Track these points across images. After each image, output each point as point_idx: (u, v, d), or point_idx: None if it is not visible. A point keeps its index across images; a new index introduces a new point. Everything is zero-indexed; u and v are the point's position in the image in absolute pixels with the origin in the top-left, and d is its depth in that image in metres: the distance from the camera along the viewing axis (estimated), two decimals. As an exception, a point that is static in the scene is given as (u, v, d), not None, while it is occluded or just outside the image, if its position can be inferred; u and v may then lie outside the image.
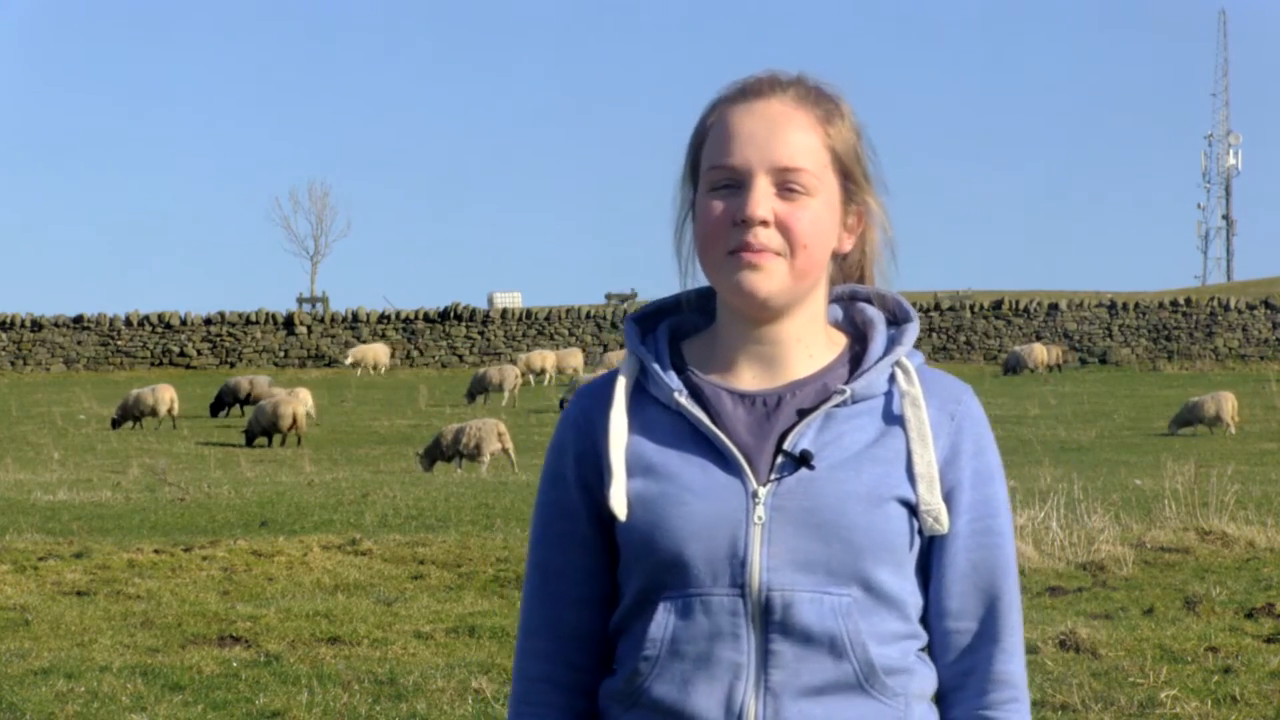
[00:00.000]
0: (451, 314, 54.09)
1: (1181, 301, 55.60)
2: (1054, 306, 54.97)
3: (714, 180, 2.33)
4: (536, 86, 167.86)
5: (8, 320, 52.07)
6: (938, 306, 55.15)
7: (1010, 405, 37.23)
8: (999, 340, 54.16)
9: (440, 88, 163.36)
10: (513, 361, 47.21)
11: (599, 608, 2.39)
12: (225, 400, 37.70)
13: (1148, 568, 12.18)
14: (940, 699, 2.37)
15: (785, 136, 2.32)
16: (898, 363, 2.37)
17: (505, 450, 25.47)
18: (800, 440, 2.30)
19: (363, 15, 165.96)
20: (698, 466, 2.30)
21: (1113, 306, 55.15)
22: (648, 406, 2.37)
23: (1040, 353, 48.96)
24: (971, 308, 55.15)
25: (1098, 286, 72.91)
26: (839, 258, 2.42)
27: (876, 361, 2.37)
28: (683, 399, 2.33)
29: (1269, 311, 54.82)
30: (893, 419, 2.34)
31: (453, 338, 53.92)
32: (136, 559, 12.55)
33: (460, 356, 53.50)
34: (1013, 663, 2.36)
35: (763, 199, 2.30)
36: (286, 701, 8.31)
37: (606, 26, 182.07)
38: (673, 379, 2.35)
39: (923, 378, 2.38)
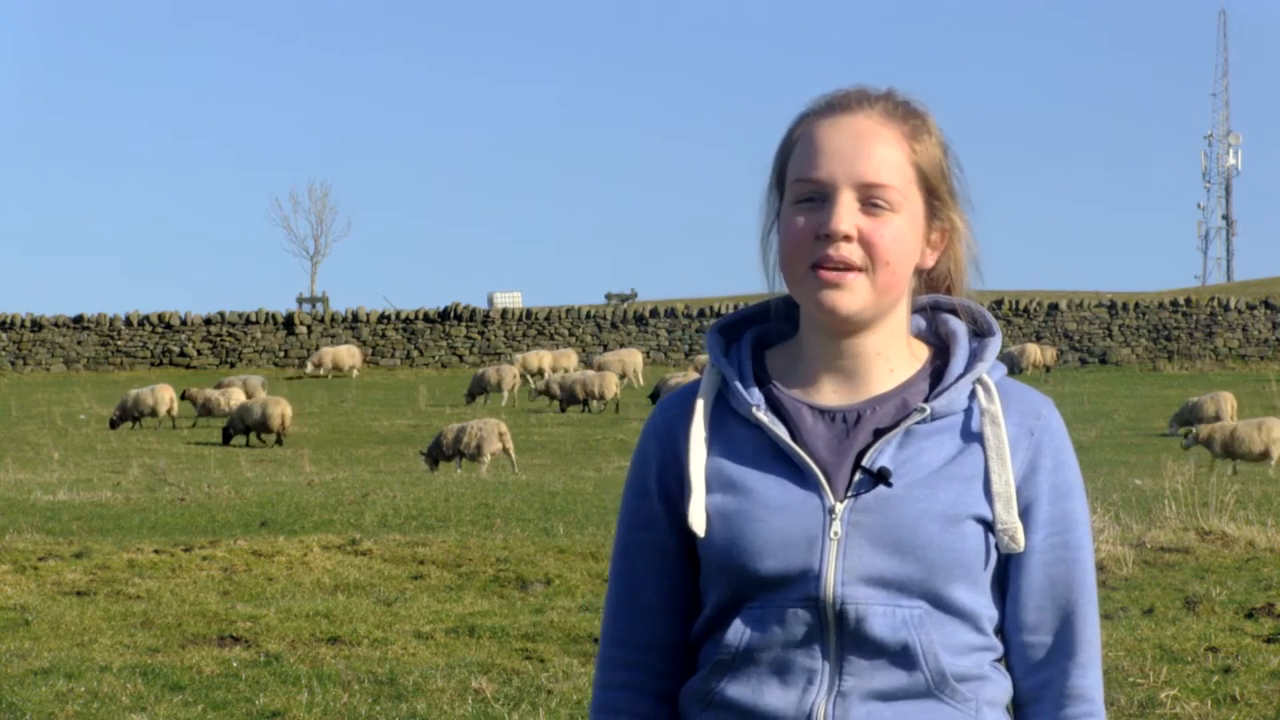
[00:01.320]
0: (451, 314, 54.08)
1: (1181, 301, 55.58)
2: (1054, 306, 54.97)
3: (799, 193, 2.34)
4: (536, 87, 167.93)
5: (8, 320, 52.07)
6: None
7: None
8: (999, 340, 54.10)
9: (441, 88, 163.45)
10: (511, 362, 47.13)
11: (681, 616, 2.42)
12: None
13: (1148, 568, 12.18)
14: (1016, 711, 2.39)
15: (871, 152, 2.33)
16: (979, 379, 2.38)
17: (506, 450, 25.49)
18: (879, 457, 2.32)
19: (363, 15, 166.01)
20: (776, 482, 2.33)
21: (1113, 306, 55.14)
22: (729, 420, 2.39)
23: (1034, 353, 48.93)
24: (971, 308, 55.12)
25: (1098, 286, 72.87)
26: (921, 273, 2.43)
27: (958, 379, 2.38)
28: (762, 414, 2.36)
29: (1269, 311, 54.81)
30: (972, 436, 2.35)
31: (453, 338, 53.91)
32: (136, 559, 12.55)
33: (460, 356, 53.48)
34: (1088, 677, 2.37)
35: (846, 214, 2.31)
36: (286, 701, 8.31)
37: (606, 27, 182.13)
38: (753, 394, 2.38)
39: (1003, 392, 2.39)
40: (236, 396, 35.60)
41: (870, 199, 2.32)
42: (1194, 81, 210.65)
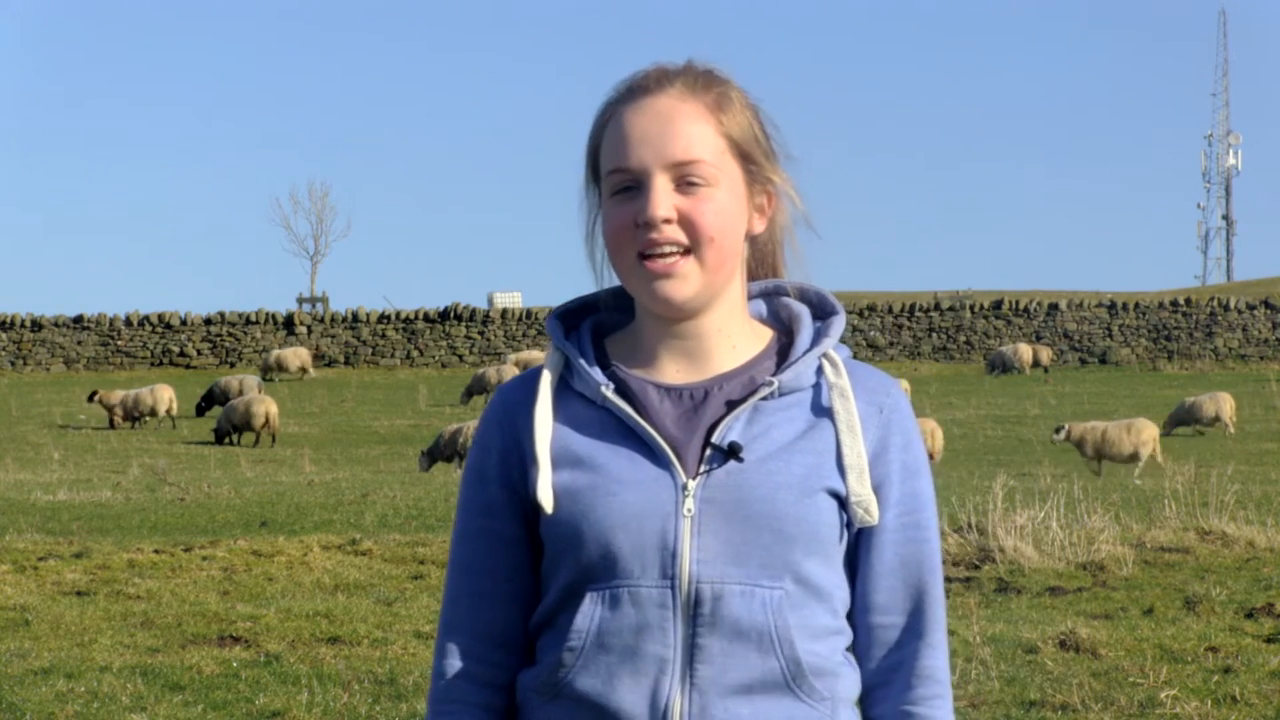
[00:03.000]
0: (451, 314, 54.08)
1: (1181, 301, 55.57)
2: (1054, 306, 54.95)
3: (614, 184, 2.31)
4: (537, 86, 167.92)
5: (8, 320, 52.05)
6: (938, 306, 55.10)
7: (1010, 405, 37.21)
8: (999, 340, 54.14)
9: (441, 88, 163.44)
10: (508, 362, 47.08)
11: (521, 605, 2.37)
12: (216, 399, 37.67)
13: (1148, 568, 12.18)
14: (863, 696, 2.36)
15: (677, 130, 2.29)
16: (825, 355, 2.36)
17: (505, 450, 25.49)
18: (728, 433, 2.29)
19: (362, 15, 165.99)
20: (626, 459, 2.29)
21: (1113, 306, 55.13)
22: (573, 402, 2.35)
23: (1026, 353, 48.86)
24: (971, 308, 55.12)
25: (1098, 286, 72.95)
26: (752, 240, 2.39)
27: (804, 354, 2.35)
28: (609, 393, 2.32)
29: (1269, 311, 54.80)
30: (821, 411, 2.33)
31: (453, 338, 53.91)
32: (136, 559, 12.56)
33: (460, 356, 53.48)
34: (938, 658, 2.35)
35: (662, 197, 2.28)
36: (286, 701, 8.31)
37: (606, 26, 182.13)
38: (598, 374, 2.34)
39: (850, 370, 2.37)
40: (161, 395, 35.65)
41: (685, 178, 2.28)
42: (1194, 81, 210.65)
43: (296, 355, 48.72)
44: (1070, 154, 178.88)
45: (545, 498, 2.29)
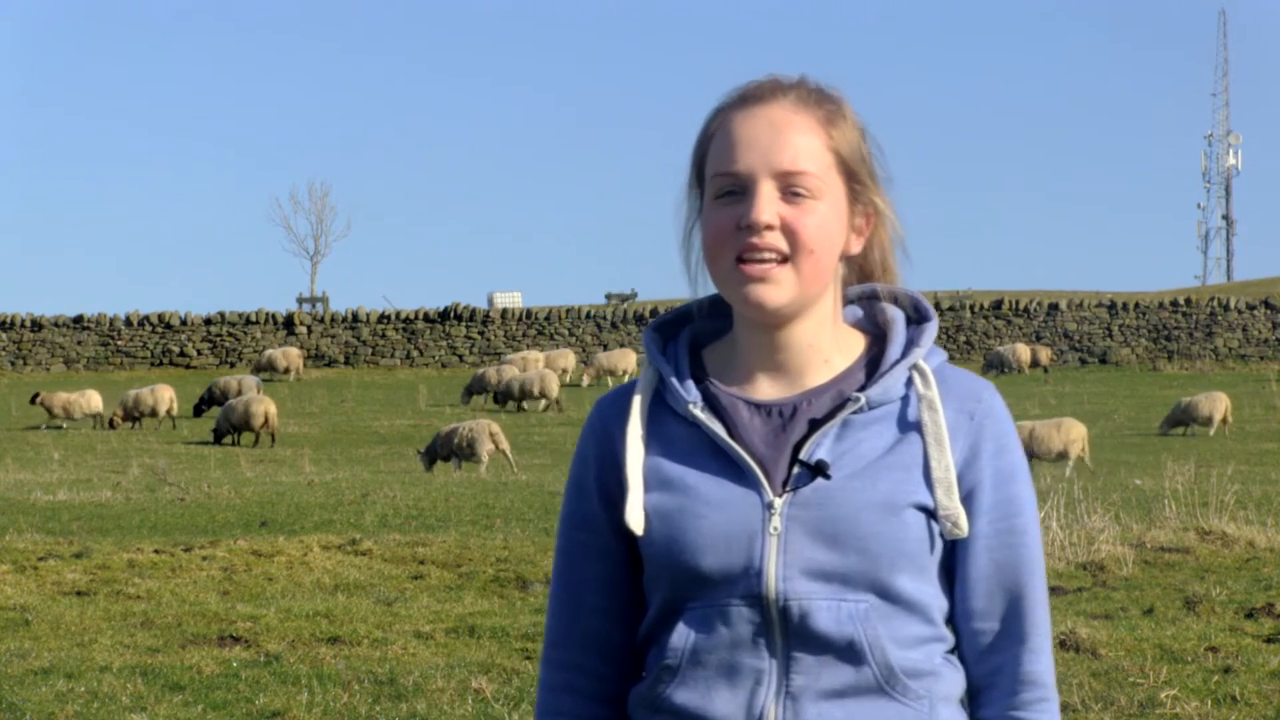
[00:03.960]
0: (451, 314, 54.09)
1: (1181, 301, 55.57)
2: (1054, 306, 54.95)
3: (719, 187, 2.32)
4: (537, 86, 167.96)
5: (8, 320, 52.06)
6: (938, 306, 55.09)
7: (1010, 405, 36.95)
8: (999, 340, 54.15)
9: (440, 88, 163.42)
10: (509, 362, 47.06)
11: (621, 618, 2.40)
12: (215, 399, 37.67)
13: (1148, 568, 12.19)
14: (971, 699, 2.37)
15: (787, 140, 2.31)
16: (914, 365, 2.36)
17: (501, 450, 25.48)
18: (816, 450, 2.30)
19: (363, 15, 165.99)
20: (714, 479, 2.31)
21: (1113, 306, 55.13)
22: (666, 418, 2.37)
23: (1024, 353, 48.85)
24: (971, 308, 55.13)
25: (1098, 286, 72.92)
26: (848, 259, 2.41)
27: (892, 366, 2.36)
28: (698, 411, 2.33)
29: (1269, 311, 54.80)
30: (909, 424, 2.33)
31: (453, 338, 53.91)
32: (136, 559, 12.56)
33: (460, 356, 53.49)
34: (1040, 662, 2.35)
35: (767, 203, 2.29)
36: (286, 701, 8.31)
37: (606, 27, 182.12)
38: (690, 391, 2.36)
39: (942, 378, 2.37)
40: (94, 400, 35.71)
41: (790, 187, 2.29)
42: (1194, 81, 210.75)
43: (286, 356, 48.79)
44: (1070, 154, 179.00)
45: (636, 522, 2.32)
